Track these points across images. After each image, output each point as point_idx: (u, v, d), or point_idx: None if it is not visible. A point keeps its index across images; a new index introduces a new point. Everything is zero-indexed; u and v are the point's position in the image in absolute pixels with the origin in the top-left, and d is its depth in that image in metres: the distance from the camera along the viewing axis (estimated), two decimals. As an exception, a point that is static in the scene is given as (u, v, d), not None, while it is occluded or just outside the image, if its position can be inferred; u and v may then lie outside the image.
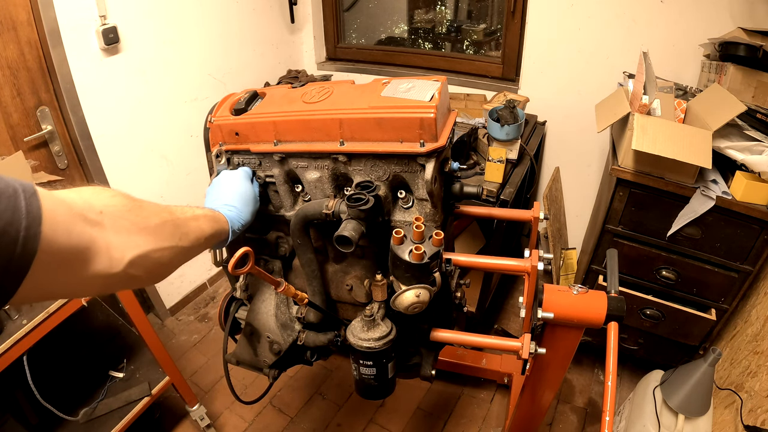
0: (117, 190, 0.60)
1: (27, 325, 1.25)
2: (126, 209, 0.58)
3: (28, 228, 0.42)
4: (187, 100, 2.22)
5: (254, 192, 0.97)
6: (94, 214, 0.53)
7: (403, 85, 0.95)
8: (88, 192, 0.56)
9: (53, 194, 0.48)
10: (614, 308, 0.98)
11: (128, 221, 0.57)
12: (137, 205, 0.60)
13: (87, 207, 0.52)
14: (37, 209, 0.43)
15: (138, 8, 1.88)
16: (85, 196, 0.55)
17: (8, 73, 1.61)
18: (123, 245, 0.55)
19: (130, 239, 0.57)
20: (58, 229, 0.46)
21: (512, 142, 1.84)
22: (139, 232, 0.58)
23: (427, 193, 0.93)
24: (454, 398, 2.08)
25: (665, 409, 1.52)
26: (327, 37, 2.80)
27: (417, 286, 0.89)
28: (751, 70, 1.52)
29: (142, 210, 0.61)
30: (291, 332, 1.15)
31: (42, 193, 0.45)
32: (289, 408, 2.06)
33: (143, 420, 1.68)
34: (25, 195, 0.42)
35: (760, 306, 1.58)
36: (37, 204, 0.43)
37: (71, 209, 0.49)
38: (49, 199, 0.45)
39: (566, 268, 2.36)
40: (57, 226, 0.45)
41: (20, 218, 0.41)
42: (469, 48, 2.59)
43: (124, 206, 0.58)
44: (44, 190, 0.46)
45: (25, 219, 0.41)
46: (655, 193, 1.60)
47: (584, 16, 2.01)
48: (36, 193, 0.44)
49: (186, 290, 2.57)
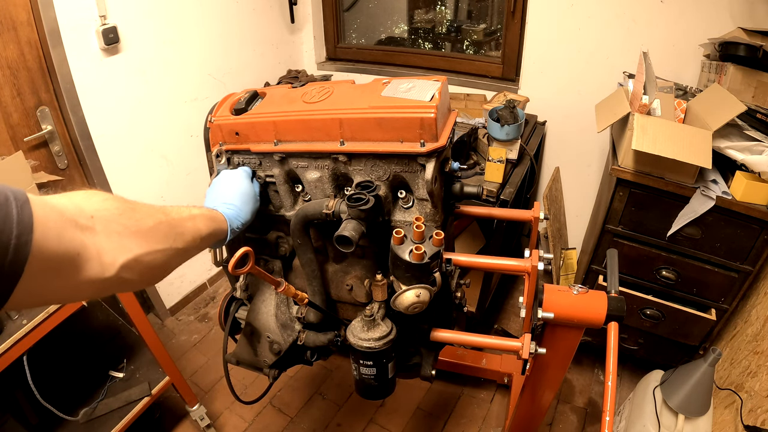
0: (109, 194, 0.60)
1: (27, 325, 1.25)
2: (118, 213, 0.58)
3: (19, 236, 0.42)
4: (187, 100, 2.22)
5: (254, 191, 0.96)
6: (85, 219, 0.52)
7: (404, 85, 0.95)
8: (79, 197, 0.56)
9: (44, 200, 0.48)
10: (614, 308, 0.98)
11: (120, 225, 0.57)
12: (130, 207, 0.60)
13: (78, 212, 0.52)
14: (28, 217, 0.43)
15: (138, 8, 1.88)
16: (76, 200, 0.54)
17: (8, 73, 1.61)
18: (114, 249, 0.55)
19: (122, 243, 0.56)
20: (49, 235, 0.46)
21: (512, 142, 1.84)
22: (131, 235, 0.58)
23: (427, 193, 0.93)
24: (454, 398, 2.08)
25: (665, 409, 1.52)
26: (327, 37, 2.80)
27: (417, 286, 0.89)
28: (751, 70, 1.52)
29: (134, 213, 0.60)
30: (291, 332, 1.15)
31: (33, 200, 0.45)
32: (289, 408, 2.06)
33: (143, 420, 1.68)
34: (16, 203, 0.43)
35: (760, 306, 1.58)
36: (28, 211, 0.43)
37: (62, 215, 0.49)
38: (40, 206, 0.45)
39: (566, 268, 2.36)
40: (48, 233, 0.45)
41: (11, 226, 0.41)
42: (469, 48, 2.59)
43: (116, 210, 0.58)
44: (36, 197, 0.46)
45: (17, 227, 0.42)
46: (655, 193, 1.60)
47: (584, 16, 2.01)
48: (28, 201, 0.44)
49: (186, 290, 2.57)
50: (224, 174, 0.97)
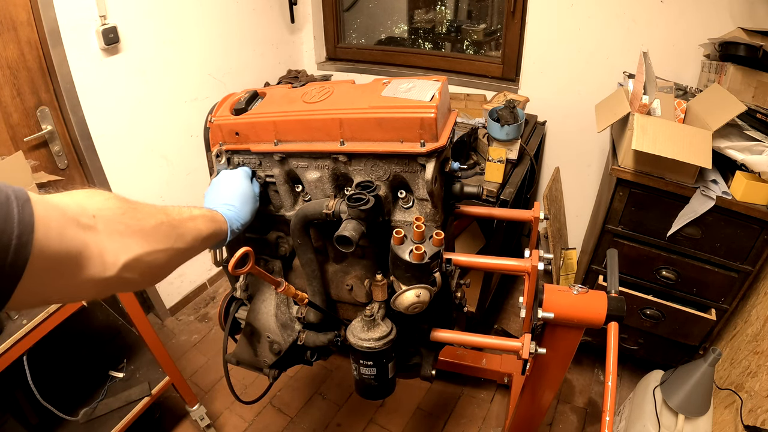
0: (111, 193, 0.60)
1: (27, 325, 1.25)
2: (120, 212, 0.58)
3: (20, 236, 0.42)
4: (187, 100, 2.22)
5: (253, 191, 0.96)
6: (87, 218, 0.52)
7: (404, 85, 0.95)
8: (81, 195, 0.55)
9: (46, 199, 0.48)
10: (614, 308, 0.98)
11: (122, 224, 0.57)
12: (131, 207, 0.60)
13: (80, 211, 0.52)
14: (29, 216, 0.43)
15: (138, 8, 1.88)
16: (78, 199, 0.54)
17: (8, 73, 1.61)
18: (116, 249, 0.55)
19: (124, 242, 0.56)
20: (51, 234, 0.45)
21: (512, 142, 1.84)
22: (133, 235, 0.58)
23: (427, 193, 0.93)
24: (454, 398, 2.08)
25: (665, 409, 1.52)
26: (327, 37, 2.80)
27: (417, 286, 0.89)
28: (751, 70, 1.52)
29: (136, 212, 0.60)
30: (291, 332, 1.15)
31: (35, 199, 0.45)
32: (289, 408, 2.06)
33: (143, 420, 1.68)
34: (17, 202, 0.42)
35: (760, 306, 1.58)
36: (29, 211, 0.43)
37: (64, 214, 0.49)
38: (41, 205, 0.45)
39: (566, 268, 2.36)
40: (50, 232, 0.45)
41: (12, 226, 0.41)
42: (469, 48, 2.59)
43: (119, 209, 0.58)
44: (37, 196, 0.46)
45: (17, 227, 0.41)
46: (655, 193, 1.60)
47: (584, 16, 2.01)
48: (29, 200, 0.44)
49: (186, 290, 2.57)
50: (223, 174, 0.97)
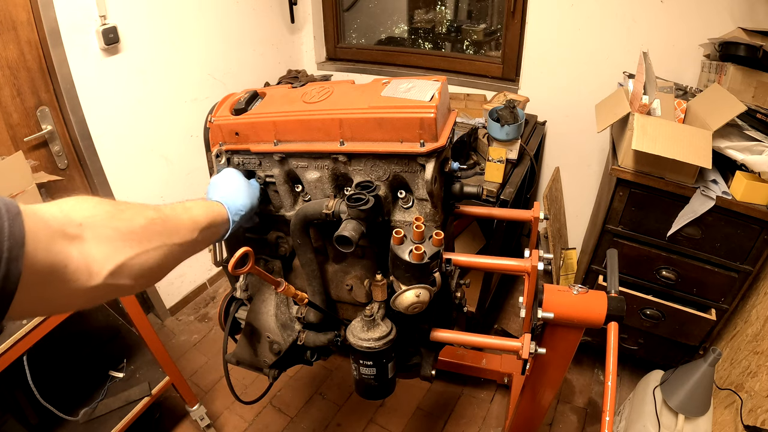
0: (101, 198, 0.59)
1: (27, 325, 1.25)
2: (108, 216, 0.57)
3: (11, 249, 0.41)
4: (187, 100, 2.22)
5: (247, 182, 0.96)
6: (73, 228, 0.52)
7: (404, 85, 0.95)
8: (69, 204, 0.55)
9: (34, 211, 0.47)
10: (614, 308, 0.98)
11: (110, 229, 0.56)
12: (120, 209, 0.59)
13: (66, 221, 0.51)
14: (20, 230, 0.42)
15: (138, 8, 1.88)
16: (65, 209, 0.53)
17: (8, 73, 1.61)
18: (103, 257, 0.54)
19: (112, 248, 0.55)
20: (39, 248, 0.45)
21: (512, 142, 1.84)
22: (122, 238, 0.57)
23: (427, 193, 0.93)
24: (454, 398, 2.08)
25: (665, 409, 1.52)
26: (327, 37, 2.80)
27: (417, 286, 0.89)
28: (751, 70, 1.52)
29: (124, 214, 0.59)
30: (291, 332, 1.15)
31: (25, 212, 0.44)
32: (289, 408, 2.06)
33: (143, 420, 1.68)
34: (8, 215, 0.42)
35: (760, 306, 1.58)
36: (20, 224, 0.42)
37: (50, 226, 0.48)
38: (31, 218, 0.45)
39: (566, 268, 2.36)
40: (38, 245, 0.45)
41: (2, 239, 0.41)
42: (469, 48, 2.59)
43: (107, 214, 0.57)
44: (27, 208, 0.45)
45: (8, 240, 0.41)
46: (655, 193, 1.60)
47: (584, 16, 2.01)
48: (20, 213, 0.43)
49: (186, 290, 2.57)
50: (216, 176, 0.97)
